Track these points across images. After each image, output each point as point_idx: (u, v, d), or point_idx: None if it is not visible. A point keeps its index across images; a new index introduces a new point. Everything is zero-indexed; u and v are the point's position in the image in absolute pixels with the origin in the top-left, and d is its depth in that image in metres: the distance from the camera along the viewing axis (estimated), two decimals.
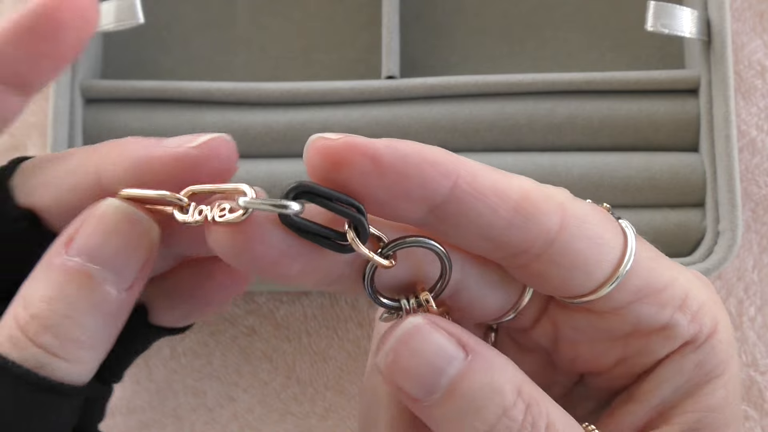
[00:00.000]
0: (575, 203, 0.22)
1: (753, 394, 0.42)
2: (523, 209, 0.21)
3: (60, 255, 0.21)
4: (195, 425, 0.43)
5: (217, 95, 0.42)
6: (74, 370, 0.21)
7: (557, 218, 0.21)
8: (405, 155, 0.20)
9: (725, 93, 0.40)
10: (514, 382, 0.21)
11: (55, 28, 0.22)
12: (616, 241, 0.23)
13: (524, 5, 0.46)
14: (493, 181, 0.21)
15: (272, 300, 0.44)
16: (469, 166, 0.21)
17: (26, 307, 0.21)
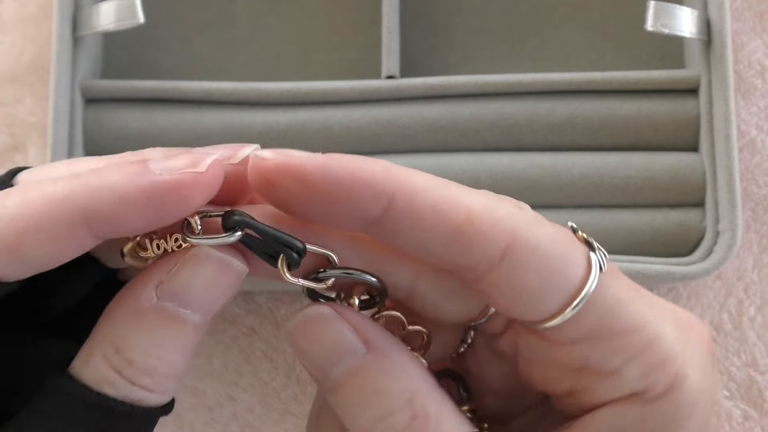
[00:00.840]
0: (529, 229, 0.21)
1: (753, 394, 0.42)
2: (463, 234, 0.20)
3: (150, 299, 0.22)
4: (195, 425, 0.43)
5: (217, 95, 0.42)
6: (164, 398, 0.23)
7: (502, 245, 0.21)
8: (336, 177, 0.20)
9: (725, 93, 0.40)
10: (406, 390, 0.21)
11: (180, 203, 0.21)
12: (573, 275, 0.21)
13: (524, 5, 0.46)
14: (434, 203, 0.20)
15: (272, 300, 0.44)
16: (408, 185, 0.20)
17: (120, 352, 0.22)
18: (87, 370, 0.22)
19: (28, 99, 0.46)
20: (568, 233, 0.22)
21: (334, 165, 0.20)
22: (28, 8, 0.47)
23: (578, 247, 0.22)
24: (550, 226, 0.22)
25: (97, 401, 0.21)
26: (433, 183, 0.21)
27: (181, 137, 0.42)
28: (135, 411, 0.22)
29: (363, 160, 0.21)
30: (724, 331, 0.42)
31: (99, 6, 0.42)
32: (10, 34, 0.46)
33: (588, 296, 0.21)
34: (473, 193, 0.21)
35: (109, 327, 0.22)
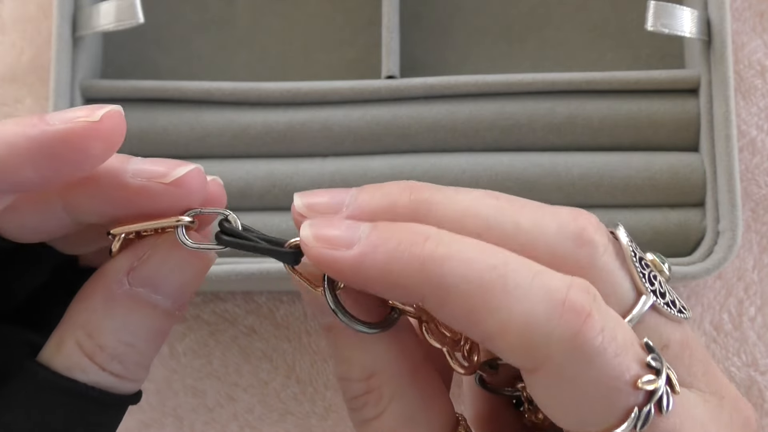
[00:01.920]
0: (568, 363, 0.19)
1: (753, 394, 0.42)
2: (493, 342, 0.20)
3: (122, 284, 0.22)
4: (195, 425, 0.43)
5: (217, 95, 0.42)
6: (135, 386, 0.23)
7: (530, 366, 0.20)
8: (367, 277, 0.20)
9: (725, 93, 0.40)
10: (369, 367, 0.22)
11: (77, 154, 0.21)
12: (601, 420, 0.20)
13: (524, 5, 0.46)
14: (466, 313, 0.20)
15: (272, 300, 0.44)
16: (441, 289, 0.20)
17: (91, 337, 0.22)
18: (59, 356, 0.22)
19: (28, 99, 0.46)
20: (627, 371, 0.20)
21: (367, 265, 0.20)
22: (28, 8, 0.47)
23: (622, 397, 0.20)
24: (601, 359, 0.19)
25: (69, 387, 0.22)
26: (471, 286, 0.19)
27: (181, 137, 0.42)
28: (105, 397, 0.22)
29: (400, 253, 0.20)
30: (724, 331, 0.42)
31: (99, 6, 0.42)
32: (10, 34, 0.46)
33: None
34: (517, 298, 0.19)
35: (81, 313, 0.22)
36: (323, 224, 0.21)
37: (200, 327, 0.44)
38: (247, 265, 0.38)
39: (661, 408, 0.20)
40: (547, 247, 0.21)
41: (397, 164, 0.41)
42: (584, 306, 0.19)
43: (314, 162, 0.42)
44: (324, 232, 0.21)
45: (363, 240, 0.20)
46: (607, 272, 0.21)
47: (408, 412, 0.22)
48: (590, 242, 0.21)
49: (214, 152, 0.42)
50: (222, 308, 0.44)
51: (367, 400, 0.22)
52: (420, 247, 0.20)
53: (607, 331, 0.19)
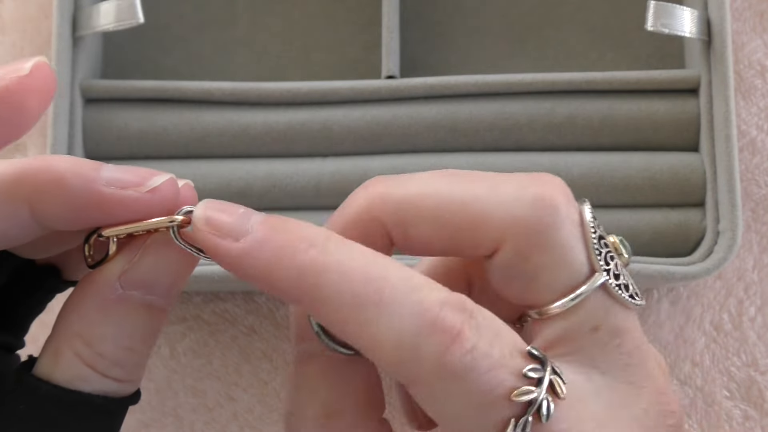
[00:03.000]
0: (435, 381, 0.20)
1: (753, 394, 0.42)
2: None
3: (115, 289, 0.22)
4: (195, 425, 0.43)
5: (217, 95, 0.42)
6: (135, 386, 0.23)
7: (404, 382, 0.20)
8: (250, 277, 0.20)
9: (725, 93, 0.40)
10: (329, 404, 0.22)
11: (13, 111, 0.21)
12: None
13: (524, 5, 0.46)
14: (341, 323, 0.20)
15: (272, 300, 0.44)
16: (317, 299, 0.20)
17: (90, 345, 0.22)
18: (58, 369, 0.22)
19: None
20: (500, 385, 0.20)
21: (248, 263, 0.20)
22: (28, 8, 0.47)
23: (496, 411, 0.20)
24: (470, 375, 0.20)
25: (72, 399, 0.21)
26: (345, 297, 0.20)
27: (181, 137, 0.42)
28: (110, 403, 0.22)
29: (280, 258, 0.20)
30: (724, 331, 0.42)
31: (99, 6, 0.42)
32: (10, 34, 0.46)
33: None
34: (388, 315, 0.20)
35: (76, 322, 0.22)
36: (218, 207, 0.21)
37: (200, 327, 0.44)
38: None
39: (541, 416, 0.20)
40: (505, 211, 0.21)
41: (397, 164, 0.41)
42: (454, 325, 0.19)
43: (314, 162, 0.42)
44: (216, 216, 0.21)
45: (250, 234, 0.20)
46: (563, 241, 0.21)
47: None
48: (550, 203, 0.21)
49: (214, 152, 0.42)
50: (222, 308, 0.44)
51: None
52: (302, 254, 0.20)
53: (479, 349, 0.20)
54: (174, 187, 0.22)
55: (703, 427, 0.42)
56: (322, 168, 0.41)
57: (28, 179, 0.21)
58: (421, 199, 0.21)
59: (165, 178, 0.21)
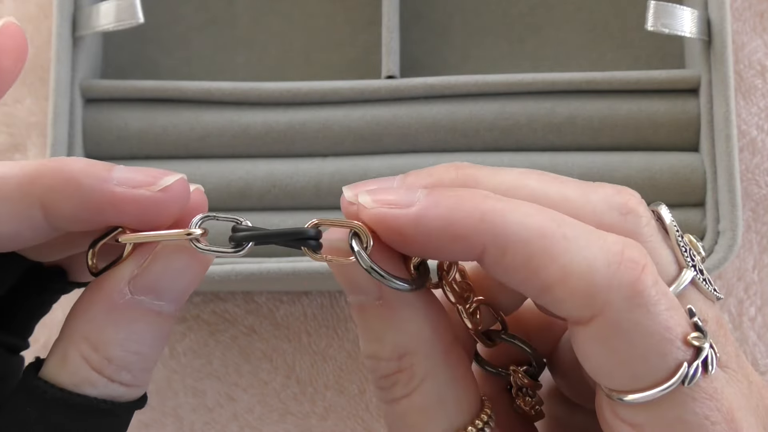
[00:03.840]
0: (625, 310, 0.20)
1: None
2: (552, 292, 0.20)
3: (124, 294, 0.22)
4: (195, 425, 0.43)
5: (217, 95, 0.42)
6: (142, 391, 0.23)
7: (590, 313, 0.20)
8: (429, 232, 0.20)
9: (725, 93, 0.40)
10: (401, 347, 0.22)
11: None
12: (650, 369, 0.20)
13: (524, 5, 0.46)
14: (526, 259, 0.20)
15: (272, 300, 0.44)
16: (502, 238, 0.20)
17: (98, 350, 0.22)
18: (65, 372, 0.22)
19: (27, 99, 0.46)
20: (678, 326, 0.20)
21: (429, 218, 0.20)
22: (27, 8, 0.47)
23: (674, 350, 0.20)
24: (656, 308, 0.20)
25: (79, 403, 0.21)
26: (531, 233, 0.20)
27: (181, 137, 0.42)
28: (117, 408, 0.22)
29: (460, 206, 0.20)
30: None
31: (99, 6, 0.42)
32: None
33: (646, 399, 0.20)
34: (578, 246, 0.20)
35: (85, 326, 0.22)
36: (380, 191, 0.22)
37: (200, 327, 0.44)
38: (247, 265, 0.38)
39: (707, 368, 0.20)
40: (594, 215, 0.21)
41: (397, 164, 0.41)
42: (640, 259, 0.20)
43: (314, 162, 0.42)
44: (382, 196, 0.21)
45: (422, 199, 0.21)
46: (651, 243, 0.22)
47: (438, 392, 0.22)
48: (635, 212, 0.22)
49: (214, 152, 0.42)
50: (222, 308, 0.44)
51: (398, 379, 0.22)
52: (481, 200, 0.20)
53: (660, 285, 0.20)
54: (185, 186, 0.22)
55: None
56: (322, 168, 0.41)
57: (42, 180, 0.21)
58: (515, 191, 0.21)
59: (176, 178, 0.22)
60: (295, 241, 0.22)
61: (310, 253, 0.22)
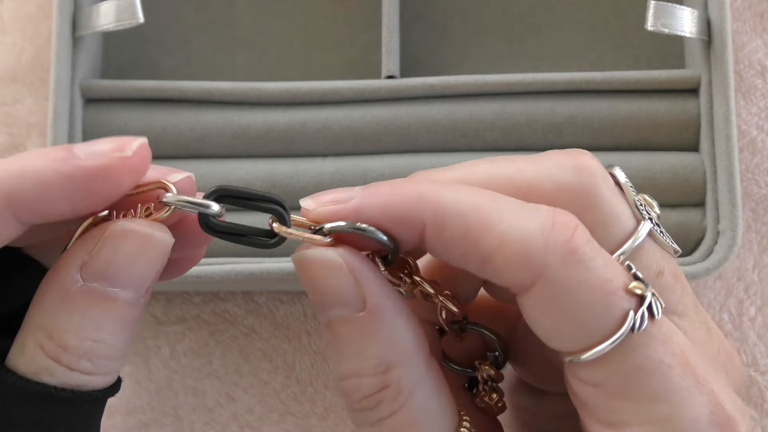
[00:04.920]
0: (563, 269, 0.20)
1: (753, 394, 0.42)
2: (492, 261, 0.21)
3: (75, 281, 0.21)
4: (195, 425, 0.43)
5: (217, 95, 0.42)
6: (107, 379, 0.22)
7: (530, 277, 0.20)
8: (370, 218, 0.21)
9: (725, 93, 0.40)
10: (385, 359, 0.21)
11: (108, 188, 0.21)
12: (597, 325, 0.20)
13: (524, 5, 0.46)
14: (464, 231, 0.21)
15: (272, 300, 0.44)
16: (439, 214, 0.21)
17: (52, 338, 0.21)
18: (22, 360, 0.21)
19: (27, 99, 0.46)
20: (617, 278, 0.21)
21: (368, 205, 0.21)
22: (27, 8, 0.47)
23: (617, 300, 0.21)
24: (593, 263, 0.20)
25: (36, 390, 0.21)
26: (467, 206, 0.21)
27: (181, 137, 0.42)
28: (77, 396, 0.22)
29: (396, 191, 0.21)
30: (725, 331, 0.42)
31: (99, 6, 0.42)
32: (10, 34, 0.46)
33: (600, 354, 0.20)
34: (512, 216, 0.21)
35: (39, 314, 0.22)
36: (320, 194, 0.22)
37: (200, 327, 0.44)
38: (247, 265, 0.38)
39: (653, 314, 0.21)
40: (549, 178, 0.22)
41: (397, 164, 0.41)
42: (571, 221, 0.21)
43: (314, 162, 0.42)
44: (322, 197, 0.22)
45: (360, 192, 0.22)
46: (608, 199, 0.22)
47: (425, 405, 0.22)
48: (588, 168, 0.23)
49: (214, 152, 0.42)
50: (222, 308, 0.44)
51: (383, 397, 0.21)
52: (416, 184, 0.22)
53: (593, 243, 0.21)
54: (148, 150, 0.22)
55: None
56: (322, 168, 0.41)
57: (11, 194, 0.20)
58: (469, 177, 0.22)
59: (141, 140, 0.21)
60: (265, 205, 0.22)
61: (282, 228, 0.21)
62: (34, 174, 0.20)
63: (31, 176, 0.20)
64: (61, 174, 0.20)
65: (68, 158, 0.20)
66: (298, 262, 0.22)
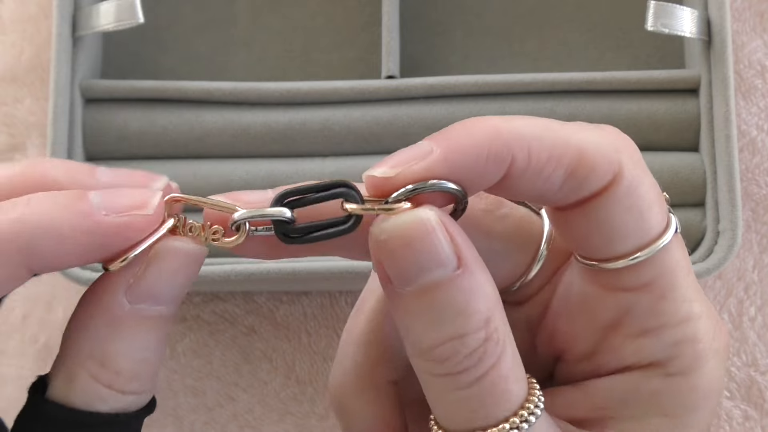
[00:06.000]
0: (634, 168, 0.22)
1: (753, 394, 0.42)
2: (577, 173, 0.21)
3: (123, 306, 0.21)
4: (195, 425, 0.43)
5: (217, 95, 0.42)
6: (150, 396, 0.23)
7: (608, 178, 0.21)
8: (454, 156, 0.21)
9: (725, 93, 0.40)
10: (486, 312, 0.21)
11: (122, 243, 0.21)
12: (657, 223, 0.22)
13: (524, 5, 0.46)
14: (549, 150, 0.21)
15: (272, 300, 0.44)
16: (523, 143, 0.21)
17: (105, 366, 0.21)
18: (74, 393, 0.21)
19: (27, 99, 0.46)
20: (655, 182, 0.23)
21: (453, 151, 0.21)
22: (27, 8, 0.47)
23: (664, 203, 0.22)
24: (647, 170, 0.22)
25: (93, 421, 0.21)
26: (540, 129, 0.21)
27: (181, 137, 0.42)
28: (129, 418, 0.22)
29: (472, 132, 0.21)
30: None
31: (99, 6, 0.42)
32: (10, 34, 0.46)
33: (661, 247, 0.22)
34: (577, 129, 0.22)
35: (88, 343, 0.21)
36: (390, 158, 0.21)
37: (200, 327, 0.44)
38: (247, 265, 0.38)
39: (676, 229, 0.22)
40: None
41: None
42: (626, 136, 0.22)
43: (314, 162, 0.42)
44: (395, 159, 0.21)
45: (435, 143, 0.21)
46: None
47: (515, 352, 0.21)
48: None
49: (214, 152, 0.42)
50: (222, 308, 0.44)
51: (486, 350, 0.21)
52: (486, 121, 0.21)
53: None
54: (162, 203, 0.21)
55: None
56: (322, 168, 0.41)
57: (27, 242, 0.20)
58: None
59: (161, 191, 0.21)
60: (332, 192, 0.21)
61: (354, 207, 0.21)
62: (52, 227, 0.20)
63: (48, 230, 0.20)
64: (79, 230, 0.20)
65: (88, 212, 0.20)
66: (389, 233, 0.20)
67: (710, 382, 0.22)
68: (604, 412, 0.23)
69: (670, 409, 0.22)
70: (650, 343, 0.22)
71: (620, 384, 0.23)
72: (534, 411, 0.21)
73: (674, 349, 0.22)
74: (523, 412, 0.21)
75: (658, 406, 0.22)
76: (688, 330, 0.22)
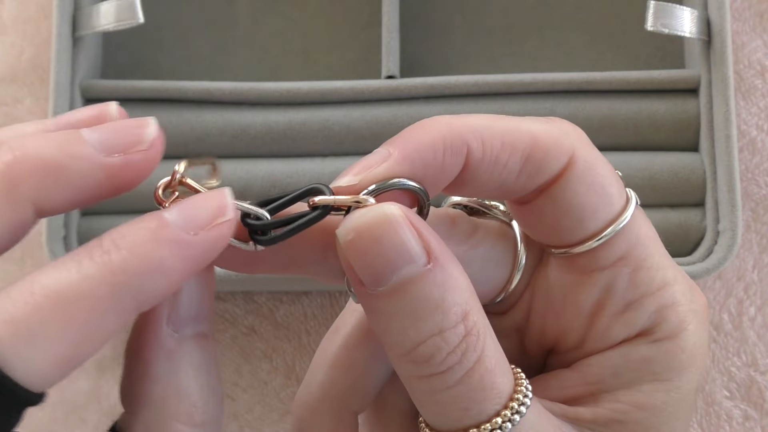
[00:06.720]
0: (586, 149, 0.22)
1: (753, 394, 0.42)
2: (533, 157, 0.22)
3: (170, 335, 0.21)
4: None
5: (217, 95, 0.42)
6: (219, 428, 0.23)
7: (564, 159, 0.22)
8: (413, 155, 0.21)
9: (725, 93, 0.40)
10: (463, 305, 0.20)
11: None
12: (618, 198, 0.23)
13: (524, 5, 0.46)
14: (501, 137, 0.21)
15: (272, 300, 0.44)
16: (477, 132, 0.21)
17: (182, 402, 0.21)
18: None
19: (27, 99, 0.46)
20: (608, 161, 0.23)
21: (411, 150, 0.21)
22: (27, 8, 0.47)
23: (620, 179, 0.23)
24: (598, 152, 0.23)
25: None
26: (490, 121, 0.22)
27: (181, 137, 0.42)
28: None
29: (426, 130, 0.21)
30: (724, 331, 0.42)
31: (99, 6, 0.42)
32: (10, 34, 0.46)
33: (627, 220, 0.23)
34: (527, 120, 0.22)
35: (157, 385, 0.21)
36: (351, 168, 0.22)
37: None
38: None
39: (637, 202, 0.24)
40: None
41: None
42: None
43: (314, 162, 0.42)
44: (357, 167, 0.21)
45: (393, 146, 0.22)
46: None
47: (496, 344, 0.21)
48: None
49: (214, 152, 0.42)
50: (222, 308, 0.44)
51: (467, 345, 0.20)
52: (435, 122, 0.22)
53: None
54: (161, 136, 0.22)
55: (703, 427, 0.42)
56: (322, 168, 0.41)
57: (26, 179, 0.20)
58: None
59: (154, 125, 0.22)
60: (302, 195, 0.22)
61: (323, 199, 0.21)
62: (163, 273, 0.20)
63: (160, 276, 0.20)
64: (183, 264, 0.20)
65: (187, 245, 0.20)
66: (354, 230, 0.20)
67: (695, 342, 0.23)
68: (598, 386, 0.23)
69: (661, 373, 0.23)
70: (634, 315, 0.23)
71: (611, 358, 0.23)
72: (524, 401, 0.21)
73: (657, 315, 0.23)
74: (513, 404, 0.21)
75: (648, 372, 0.23)
76: (667, 295, 0.23)
